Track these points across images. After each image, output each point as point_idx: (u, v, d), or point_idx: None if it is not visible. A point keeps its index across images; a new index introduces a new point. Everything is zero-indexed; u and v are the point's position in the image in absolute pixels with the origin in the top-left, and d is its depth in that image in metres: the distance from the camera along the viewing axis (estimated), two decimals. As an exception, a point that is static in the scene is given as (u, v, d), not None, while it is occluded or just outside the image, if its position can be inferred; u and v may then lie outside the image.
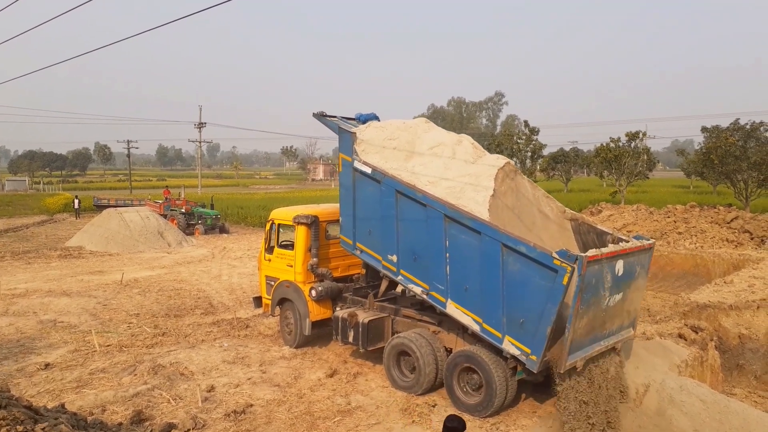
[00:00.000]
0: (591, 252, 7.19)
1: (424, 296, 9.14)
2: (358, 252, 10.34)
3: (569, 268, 7.07)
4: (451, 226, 8.53)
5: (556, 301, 7.26)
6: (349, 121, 11.17)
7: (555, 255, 7.22)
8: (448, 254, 8.64)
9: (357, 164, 10.00)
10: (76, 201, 41.55)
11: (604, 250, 7.51)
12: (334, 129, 10.65)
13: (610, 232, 9.15)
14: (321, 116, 10.95)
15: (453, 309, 8.68)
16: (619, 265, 7.75)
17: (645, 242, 8.51)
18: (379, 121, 11.19)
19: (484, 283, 8.17)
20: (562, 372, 7.40)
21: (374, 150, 10.11)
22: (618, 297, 7.97)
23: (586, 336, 7.60)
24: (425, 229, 8.93)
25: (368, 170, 9.80)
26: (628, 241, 8.45)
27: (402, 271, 9.50)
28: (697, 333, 11.92)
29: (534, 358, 7.67)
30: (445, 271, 8.71)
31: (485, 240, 8.02)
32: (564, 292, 7.22)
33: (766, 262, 19.07)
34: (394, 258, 9.57)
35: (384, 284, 10.46)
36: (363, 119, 11.16)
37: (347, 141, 10.29)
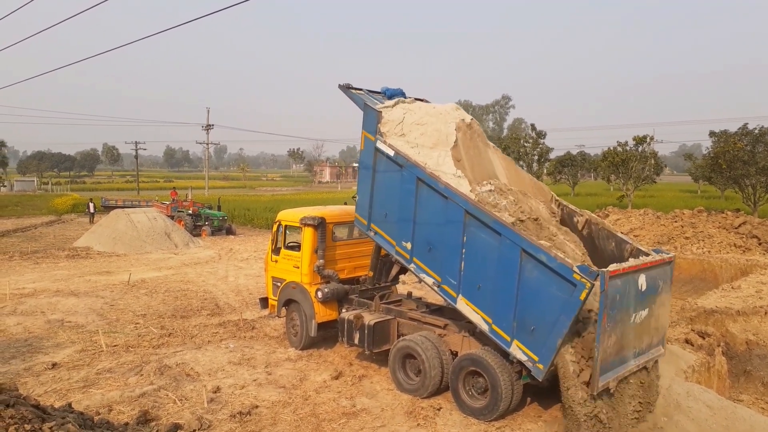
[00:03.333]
0: (612, 267, 7.03)
1: (435, 288, 9.03)
2: (372, 233, 10.16)
3: (588, 285, 6.92)
4: (471, 222, 8.37)
5: (571, 314, 7.15)
6: (374, 95, 10.83)
7: (575, 269, 7.07)
8: (464, 250, 8.50)
9: (380, 145, 9.69)
10: (91, 205, 39.42)
11: (624, 264, 7.35)
12: (359, 104, 10.29)
13: (630, 242, 8.90)
14: (346, 89, 10.56)
15: (463, 305, 8.59)
16: (642, 280, 7.59)
17: (665, 255, 8.30)
18: (405, 97, 10.85)
19: (498, 285, 8.06)
20: (594, 394, 7.16)
21: (399, 132, 9.82)
22: (644, 313, 7.80)
23: (616, 355, 7.43)
24: (444, 221, 8.76)
25: (391, 153, 9.51)
26: (648, 254, 8.24)
27: (415, 259, 9.34)
28: (704, 338, 11.87)
29: (541, 366, 7.60)
30: (459, 266, 8.58)
31: (505, 242, 7.89)
32: (580, 307, 7.10)
33: (774, 267, 18.95)
34: (409, 245, 9.40)
35: (395, 269, 10.35)
36: (389, 94, 10.80)
37: (372, 119, 9.91)
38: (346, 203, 14.27)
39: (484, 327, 8.30)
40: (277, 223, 12.24)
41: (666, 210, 31.27)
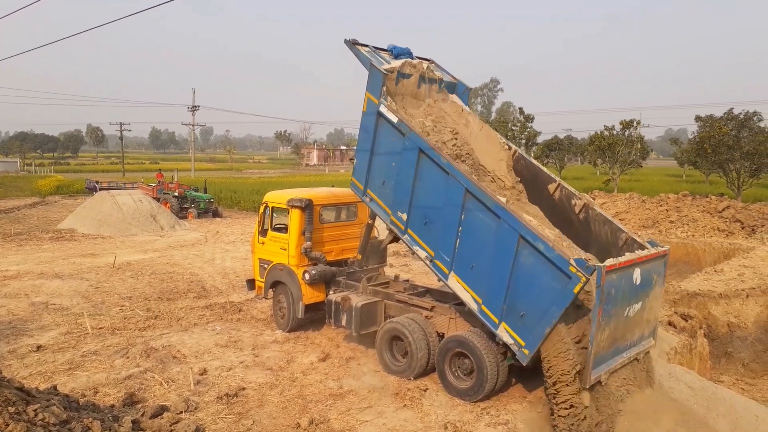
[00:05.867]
0: (609, 262, 6.97)
1: (427, 262, 8.97)
2: (367, 199, 9.97)
3: (583, 279, 6.88)
4: (470, 202, 8.23)
5: (562, 305, 7.13)
6: (381, 53, 10.36)
7: (572, 262, 7.00)
8: (461, 228, 8.40)
9: (383, 109, 9.33)
10: (97, 185, 37.88)
11: (621, 259, 7.27)
12: (365, 63, 9.77)
13: (625, 230, 8.78)
14: (352, 44, 10.04)
15: (454, 282, 8.55)
16: (637, 274, 7.53)
17: (660, 249, 8.22)
18: (413, 57, 10.42)
19: (492, 267, 8.00)
20: (587, 387, 7.15)
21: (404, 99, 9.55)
22: (637, 306, 7.75)
23: (608, 348, 7.41)
24: (443, 197, 8.61)
25: (394, 119, 9.18)
26: (643, 246, 8.16)
27: (410, 231, 9.22)
28: (686, 321, 12.05)
29: (526, 352, 7.63)
30: (454, 243, 8.49)
31: (504, 226, 7.79)
32: (573, 300, 7.09)
33: (756, 251, 19.25)
34: (404, 216, 9.24)
35: (388, 237, 10.27)
36: (396, 53, 10.33)
37: (377, 80, 9.49)
38: (333, 186, 14.20)
39: (474, 306, 8.30)
40: (264, 205, 12.17)
41: (651, 194, 31.54)
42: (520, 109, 59.49)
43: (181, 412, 7.86)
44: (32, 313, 12.72)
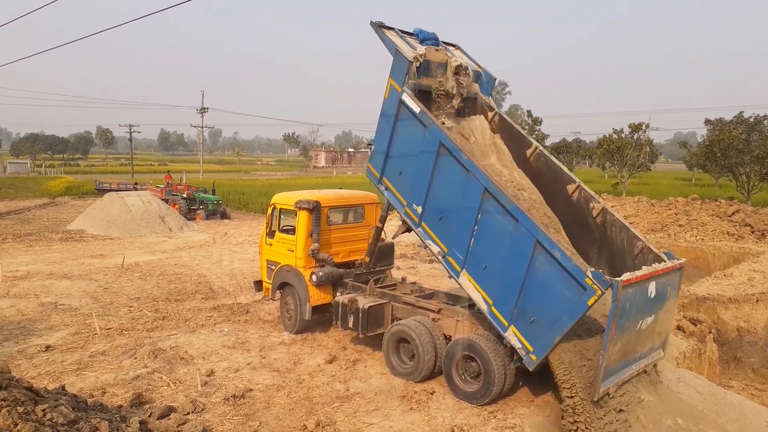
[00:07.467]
0: (626, 276, 6.85)
1: (440, 258, 8.88)
2: (383, 187, 9.84)
3: (599, 292, 6.80)
4: (488, 202, 8.09)
5: (575, 316, 7.07)
6: (406, 37, 10.04)
7: (588, 274, 6.92)
8: (476, 227, 8.28)
9: (405, 97, 9.13)
10: (136, 186, 38.22)
11: (638, 273, 7.13)
12: (390, 49, 9.49)
13: (642, 239, 8.62)
14: (378, 27, 9.70)
15: (465, 281, 8.47)
16: (652, 287, 7.41)
17: (676, 262, 8.06)
18: (438, 44, 10.18)
19: (506, 269, 7.91)
20: (595, 399, 7.06)
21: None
22: (650, 319, 7.63)
23: (618, 361, 7.33)
24: (461, 194, 8.46)
25: (416, 110, 8.99)
26: (660, 257, 8.03)
27: (423, 224, 9.11)
28: (695, 325, 11.95)
29: (534, 357, 7.58)
30: (468, 242, 8.39)
31: (521, 230, 7.68)
32: (586, 311, 7.02)
33: (766, 255, 19.11)
34: (419, 209, 9.13)
35: (401, 229, 10.22)
36: (422, 38, 10.07)
37: (401, 67, 9.24)
38: (341, 188, 14.22)
39: (483, 307, 8.23)
40: (272, 206, 12.20)
41: (660, 197, 31.37)
42: (528, 111, 59.28)
43: (188, 413, 7.88)
44: (41, 313, 12.80)
